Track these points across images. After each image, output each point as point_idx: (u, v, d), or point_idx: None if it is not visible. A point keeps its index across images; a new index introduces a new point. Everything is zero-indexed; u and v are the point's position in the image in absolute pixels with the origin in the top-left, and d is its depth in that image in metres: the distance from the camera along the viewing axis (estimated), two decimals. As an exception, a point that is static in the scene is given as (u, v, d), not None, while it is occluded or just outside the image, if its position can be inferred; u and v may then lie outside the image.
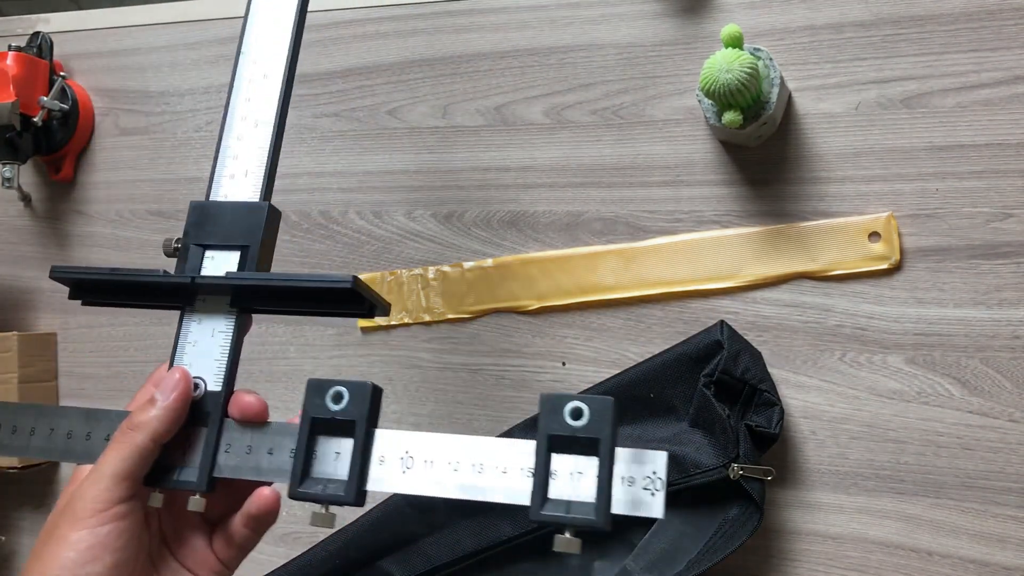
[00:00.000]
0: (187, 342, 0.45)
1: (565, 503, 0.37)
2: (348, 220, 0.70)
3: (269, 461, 0.41)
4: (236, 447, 0.42)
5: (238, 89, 0.48)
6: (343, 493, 0.39)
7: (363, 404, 0.40)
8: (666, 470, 0.37)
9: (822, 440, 0.57)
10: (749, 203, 0.60)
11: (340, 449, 0.41)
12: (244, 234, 0.45)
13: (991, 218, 0.55)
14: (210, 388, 0.43)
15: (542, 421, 0.38)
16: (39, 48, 0.76)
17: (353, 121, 0.71)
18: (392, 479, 0.40)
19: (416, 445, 0.40)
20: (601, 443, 0.37)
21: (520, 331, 0.65)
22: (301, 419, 0.41)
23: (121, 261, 0.77)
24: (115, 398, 0.77)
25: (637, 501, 0.37)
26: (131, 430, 0.41)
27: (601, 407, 0.38)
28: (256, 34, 0.49)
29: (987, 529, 0.54)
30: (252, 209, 0.45)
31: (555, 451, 0.38)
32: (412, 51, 0.69)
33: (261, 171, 0.46)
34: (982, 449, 0.54)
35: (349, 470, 0.40)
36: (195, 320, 0.45)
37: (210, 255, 0.45)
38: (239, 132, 0.47)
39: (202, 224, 0.46)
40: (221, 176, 0.47)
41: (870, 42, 0.58)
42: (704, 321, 0.60)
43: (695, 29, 0.62)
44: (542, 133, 0.65)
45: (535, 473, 0.38)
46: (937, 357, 0.55)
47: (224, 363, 0.44)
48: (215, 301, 0.45)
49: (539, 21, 0.66)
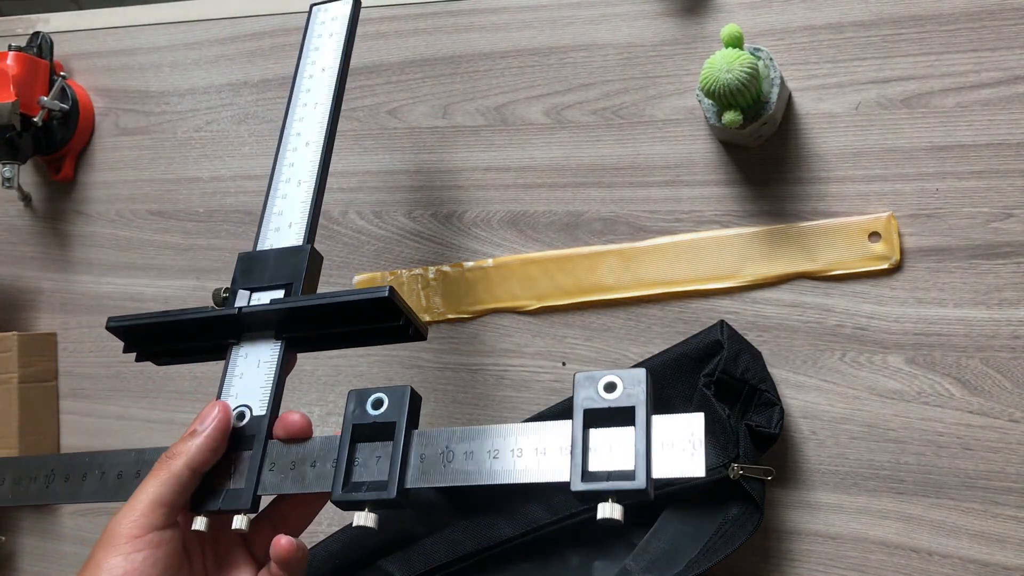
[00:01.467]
0: (234, 375, 0.46)
1: (606, 473, 0.38)
2: (348, 220, 0.70)
3: (312, 473, 0.42)
4: (280, 464, 0.43)
5: (283, 156, 0.53)
6: (384, 492, 0.40)
7: (402, 406, 0.42)
8: (703, 430, 0.38)
9: (822, 440, 0.57)
10: (749, 203, 0.60)
11: (382, 453, 0.42)
12: (287, 274, 0.47)
13: (991, 218, 0.55)
14: (255, 413, 0.45)
15: (577, 397, 0.39)
16: (39, 48, 0.76)
17: (353, 121, 0.71)
18: (434, 474, 0.41)
19: (454, 439, 0.41)
20: (637, 410, 0.38)
21: (520, 331, 0.65)
22: (342, 428, 0.42)
23: (121, 261, 0.77)
24: (115, 398, 0.77)
25: (677, 463, 0.38)
26: (169, 458, 0.42)
27: (634, 377, 0.39)
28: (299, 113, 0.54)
29: (987, 529, 0.54)
30: (295, 251, 0.48)
31: (592, 426, 0.39)
32: (412, 51, 0.69)
33: (304, 220, 0.49)
34: (982, 449, 0.54)
35: (390, 469, 0.41)
36: (242, 354, 0.47)
37: (256, 296, 0.47)
38: (283, 192, 0.51)
39: (249, 271, 0.48)
40: (267, 230, 0.50)
41: (870, 42, 0.58)
42: (704, 321, 0.60)
43: (695, 29, 0.62)
44: (542, 133, 0.65)
45: (573, 448, 0.39)
46: (937, 357, 0.55)
47: (269, 389, 0.45)
48: (261, 334, 0.47)
49: (539, 21, 0.66)
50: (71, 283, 0.79)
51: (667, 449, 0.38)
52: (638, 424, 0.38)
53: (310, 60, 0.56)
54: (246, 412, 0.45)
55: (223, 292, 0.48)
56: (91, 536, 0.77)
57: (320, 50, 0.56)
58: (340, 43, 0.56)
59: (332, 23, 0.58)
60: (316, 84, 0.55)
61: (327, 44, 0.57)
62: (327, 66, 0.55)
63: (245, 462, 0.44)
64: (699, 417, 0.38)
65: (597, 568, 0.59)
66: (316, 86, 0.55)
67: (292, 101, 0.55)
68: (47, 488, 0.47)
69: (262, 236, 0.50)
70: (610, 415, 0.39)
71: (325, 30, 0.57)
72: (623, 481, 0.37)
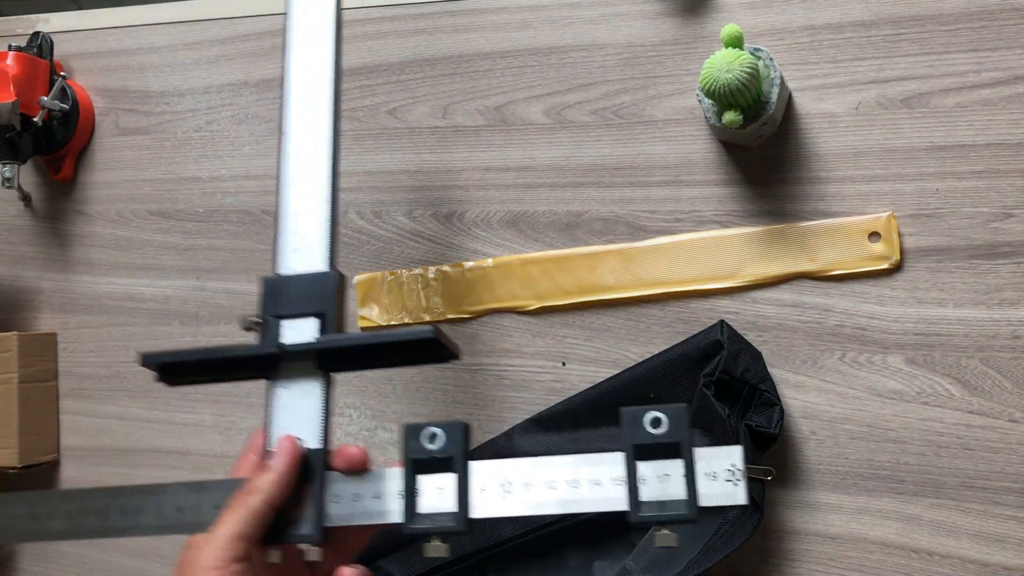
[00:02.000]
0: (279, 407, 0.47)
1: (659, 503, 0.41)
2: (348, 220, 0.70)
3: (376, 505, 0.44)
4: (344, 497, 0.45)
5: (285, 169, 0.51)
6: (454, 523, 0.43)
7: (458, 441, 0.44)
8: (743, 461, 0.41)
9: (822, 440, 0.57)
10: (749, 203, 0.60)
11: (441, 484, 0.44)
12: (318, 302, 0.47)
13: (991, 218, 0.55)
14: (310, 446, 0.46)
15: (625, 433, 0.42)
16: (39, 48, 0.76)
17: (353, 121, 0.71)
18: (494, 505, 0.43)
19: (512, 471, 0.43)
20: (682, 445, 0.41)
21: (520, 331, 0.65)
22: (403, 462, 0.44)
23: (121, 261, 0.77)
24: (115, 398, 0.77)
25: (722, 493, 0.41)
26: (247, 495, 0.43)
27: (677, 414, 0.42)
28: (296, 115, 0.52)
29: (987, 529, 0.54)
30: (320, 278, 0.48)
31: (640, 459, 0.42)
32: (412, 51, 0.69)
33: (325, 242, 0.49)
34: (982, 449, 0.54)
35: (457, 502, 0.43)
36: (283, 386, 0.47)
37: (287, 324, 0.48)
38: (295, 210, 0.50)
39: (275, 297, 0.48)
40: (286, 251, 0.49)
41: (870, 42, 0.58)
42: (704, 321, 0.60)
43: (695, 29, 0.62)
44: (542, 133, 0.65)
45: (627, 481, 0.42)
46: (937, 357, 0.55)
47: (319, 422, 0.46)
48: (301, 366, 0.47)
49: (539, 21, 0.66)
50: (71, 283, 0.79)
51: (710, 479, 0.41)
52: (684, 457, 0.41)
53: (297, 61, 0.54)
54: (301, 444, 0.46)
55: (252, 319, 0.48)
56: (91, 536, 0.77)
57: (310, 49, 0.54)
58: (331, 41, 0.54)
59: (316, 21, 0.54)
60: (311, 82, 0.53)
61: (316, 42, 0.54)
62: (322, 67, 0.53)
63: (309, 494, 0.45)
64: (738, 450, 0.42)
65: (597, 568, 0.59)
66: (312, 84, 0.53)
67: (285, 110, 0.53)
68: (104, 523, 0.47)
69: (280, 257, 0.49)
70: (657, 449, 0.42)
71: (311, 28, 0.54)
72: (674, 511, 0.41)
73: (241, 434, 0.72)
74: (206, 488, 0.46)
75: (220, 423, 0.73)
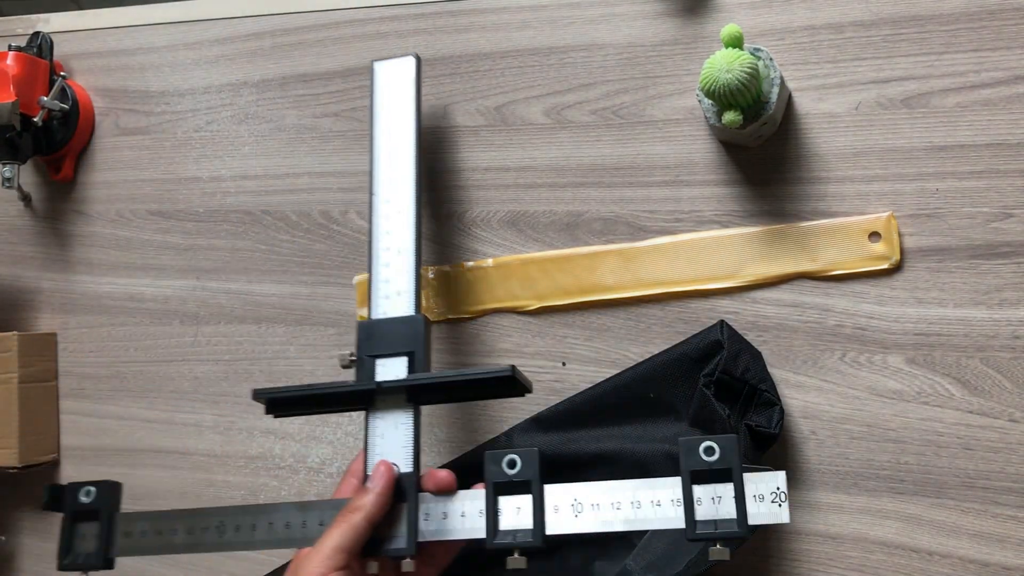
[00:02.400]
0: (376, 435, 0.54)
1: (713, 522, 0.47)
2: (348, 220, 0.70)
3: (462, 522, 0.51)
4: (433, 515, 0.51)
5: (377, 225, 0.58)
6: (531, 539, 0.49)
7: (534, 467, 0.50)
8: (786, 484, 0.47)
9: (822, 440, 0.57)
10: (749, 203, 0.60)
11: (520, 504, 0.50)
12: (407, 342, 0.54)
13: (991, 218, 0.55)
14: (403, 470, 0.52)
15: (683, 461, 0.48)
16: (39, 48, 0.76)
17: (353, 121, 0.71)
18: (567, 522, 0.49)
19: (581, 493, 0.50)
20: (733, 471, 0.47)
21: (520, 331, 0.65)
22: (486, 484, 0.51)
23: (121, 261, 0.77)
24: (115, 398, 0.77)
25: (768, 512, 0.47)
26: (350, 512, 0.50)
27: (728, 443, 0.48)
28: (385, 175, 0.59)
29: (987, 529, 0.54)
30: (408, 322, 0.55)
31: (696, 483, 0.48)
32: (412, 51, 0.69)
33: (411, 289, 0.56)
34: (982, 449, 0.54)
35: (533, 521, 0.49)
36: (379, 417, 0.54)
37: (381, 362, 0.54)
38: (385, 260, 0.57)
39: (370, 339, 0.55)
40: (378, 298, 0.56)
41: (870, 42, 0.58)
42: (704, 321, 0.60)
43: (695, 29, 0.62)
44: (542, 133, 0.65)
45: (684, 502, 0.48)
46: (937, 357, 0.55)
47: (411, 449, 0.53)
48: (394, 400, 0.54)
49: (539, 21, 0.66)
50: (71, 283, 0.79)
51: (758, 501, 0.47)
52: (735, 482, 0.47)
53: (383, 126, 0.60)
54: (395, 468, 0.52)
55: (349, 356, 0.55)
56: (91, 536, 0.77)
57: (393, 113, 0.60)
58: (412, 109, 0.60)
59: (398, 85, 0.61)
60: (396, 147, 0.59)
61: (398, 107, 0.61)
62: (404, 132, 0.60)
63: (402, 511, 0.51)
64: (782, 475, 0.47)
65: (597, 568, 0.59)
66: (396, 149, 0.59)
67: (374, 164, 0.60)
68: (221, 538, 0.54)
69: (374, 304, 0.56)
70: (710, 475, 0.48)
71: (393, 93, 0.61)
72: (726, 529, 0.47)
73: (241, 434, 0.72)
74: (312, 507, 0.53)
75: (220, 423, 0.73)
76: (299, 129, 0.72)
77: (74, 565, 0.56)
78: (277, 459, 0.71)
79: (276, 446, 0.71)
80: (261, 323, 0.72)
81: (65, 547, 0.57)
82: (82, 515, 0.57)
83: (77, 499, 0.57)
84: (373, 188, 0.59)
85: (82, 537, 0.57)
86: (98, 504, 0.57)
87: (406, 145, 0.60)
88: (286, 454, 0.71)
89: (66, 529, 0.57)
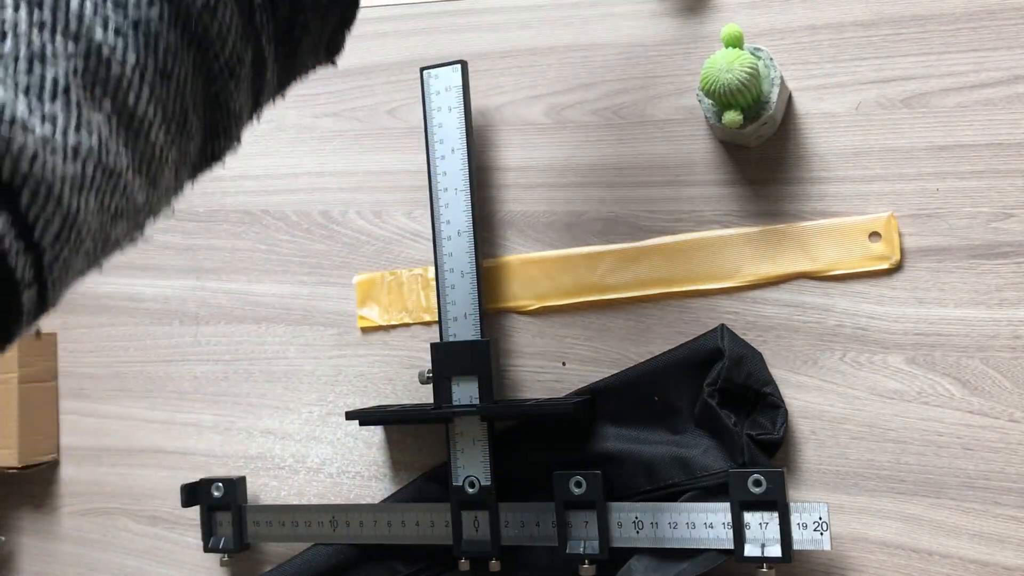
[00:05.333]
0: (457, 451, 0.61)
1: (760, 545, 0.53)
2: (348, 220, 0.70)
3: (538, 531, 0.58)
4: (512, 522, 0.59)
5: (441, 247, 0.62)
6: (598, 551, 0.56)
7: (598, 487, 0.56)
8: (828, 514, 0.52)
9: (822, 440, 0.57)
10: (749, 203, 0.60)
11: (588, 519, 0.57)
12: (477, 365, 0.60)
13: (991, 218, 0.55)
14: (482, 483, 0.59)
15: (732, 491, 0.53)
16: (39, 48, 0.76)
17: (353, 121, 0.71)
18: (629, 537, 0.56)
19: (642, 512, 0.56)
20: (778, 502, 0.52)
21: (520, 331, 0.65)
22: (556, 503, 0.57)
23: (121, 261, 0.77)
24: (115, 398, 0.77)
25: (811, 539, 0.52)
26: None
27: (775, 477, 0.53)
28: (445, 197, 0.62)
29: (987, 529, 0.54)
30: (477, 345, 0.60)
31: (745, 510, 0.53)
32: (412, 51, 0.69)
33: (476, 313, 0.61)
34: (982, 449, 0.54)
35: (599, 536, 0.56)
36: (459, 432, 0.61)
37: (455, 380, 0.60)
38: (451, 282, 0.61)
39: (444, 360, 0.61)
40: (447, 320, 0.61)
41: (870, 42, 0.58)
42: (704, 321, 0.60)
43: (695, 29, 0.62)
44: (542, 133, 0.65)
45: (734, 527, 0.53)
46: (937, 357, 0.55)
47: (488, 463, 0.60)
48: (470, 419, 0.60)
49: (539, 21, 0.66)
50: (71, 283, 0.79)
51: (801, 528, 0.52)
52: (780, 512, 0.52)
53: (437, 137, 0.62)
54: (476, 481, 0.59)
55: (427, 373, 0.61)
56: (90, 536, 0.77)
57: (443, 126, 0.62)
58: (461, 119, 0.62)
59: (447, 94, 0.62)
60: (449, 166, 0.62)
61: (448, 120, 0.62)
62: (455, 146, 0.62)
63: (484, 520, 0.59)
64: (825, 506, 0.52)
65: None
66: (450, 168, 0.62)
67: (433, 181, 0.62)
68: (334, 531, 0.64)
69: (445, 326, 0.61)
70: (758, 504, 0.53)
71: (443, 102, 0.62)
72: (772, 554, 0.52)
73: (240, 434, 0.72)
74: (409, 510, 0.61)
75: (220, 423, 0.73)
76: (299, 129, 0.72)
77: (216, 548, 0.67)
78: (277, 459, 0.71)
79: (276, 446, 0.71)
80: (261, 323, 0.72)
81: (207, 533, 0.67)
82: (215, 507, 0.67)
83: (210, 494, 0.67)
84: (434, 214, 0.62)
85: (219, 525, 0.67)
86: (228, 498, 0.67)
87: (459, 161, 0.62)
88: (286, 454, 0.71)
89: (205, 519, 0.67)
